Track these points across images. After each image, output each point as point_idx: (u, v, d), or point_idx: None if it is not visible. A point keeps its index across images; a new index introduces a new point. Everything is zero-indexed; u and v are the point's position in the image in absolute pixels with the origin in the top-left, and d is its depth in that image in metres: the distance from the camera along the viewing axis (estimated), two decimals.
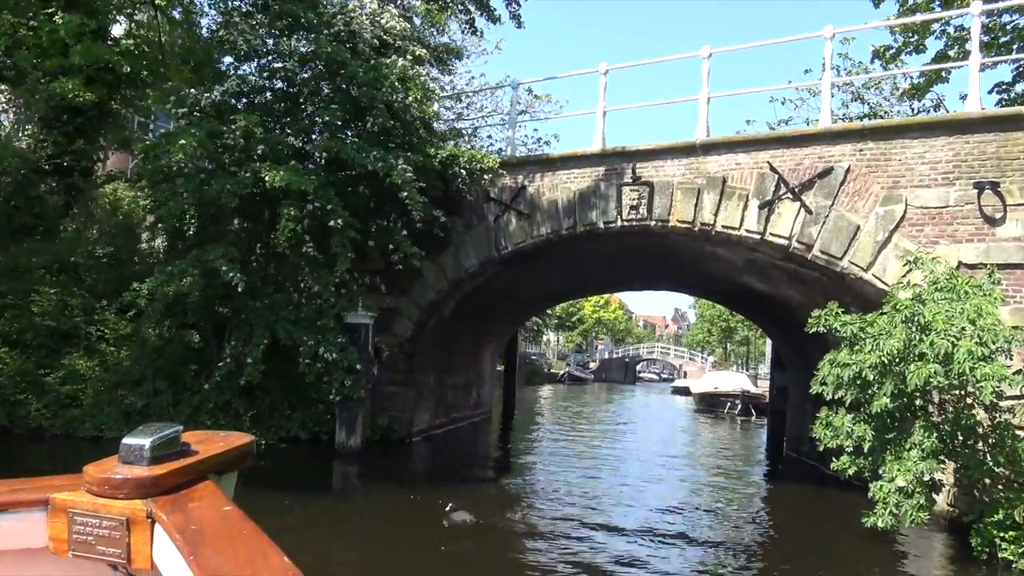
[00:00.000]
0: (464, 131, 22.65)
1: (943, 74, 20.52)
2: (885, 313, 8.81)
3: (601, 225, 14.00)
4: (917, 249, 9.66)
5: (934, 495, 8.77)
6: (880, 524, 8.41)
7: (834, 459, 9.37)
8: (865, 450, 9.04)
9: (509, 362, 28.52)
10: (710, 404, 37.04)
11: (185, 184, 12.10)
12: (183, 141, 11.26)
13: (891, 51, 21.28)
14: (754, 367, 59.39)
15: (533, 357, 71.36)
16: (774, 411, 22.07)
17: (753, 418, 33.23)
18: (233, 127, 11.87)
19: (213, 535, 2.11)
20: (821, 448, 9.33)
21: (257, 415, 14.24)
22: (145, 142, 12.12)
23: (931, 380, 8.02)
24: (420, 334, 16.60)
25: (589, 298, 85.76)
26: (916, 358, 8.36)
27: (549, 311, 71.51)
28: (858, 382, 8.85)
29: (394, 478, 13.13)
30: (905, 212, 11.29)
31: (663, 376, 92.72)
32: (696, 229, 13.03)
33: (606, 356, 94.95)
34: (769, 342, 28.94)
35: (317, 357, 12.98)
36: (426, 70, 13.52)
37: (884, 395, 8.49)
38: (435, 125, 16.35)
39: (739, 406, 34.48)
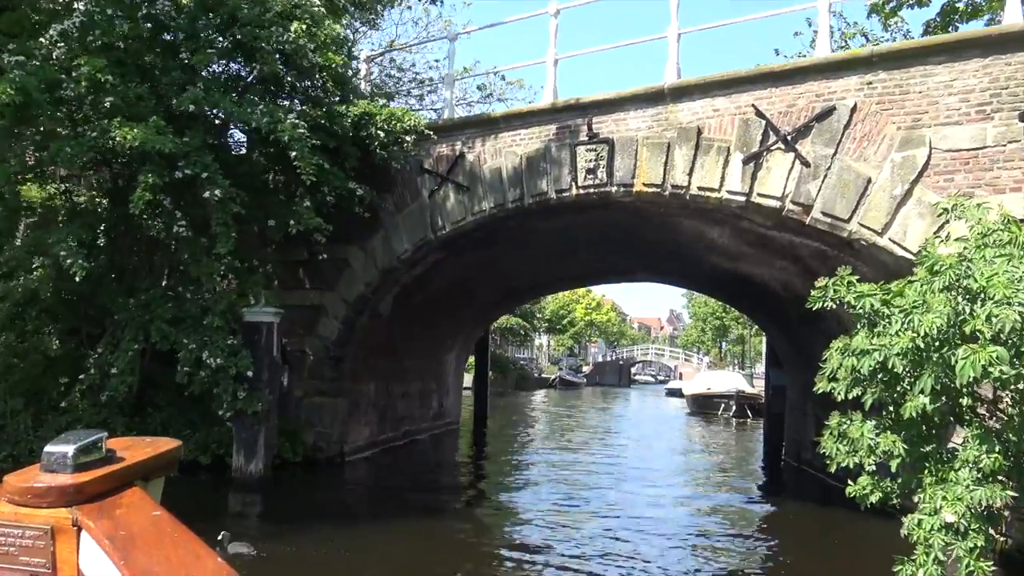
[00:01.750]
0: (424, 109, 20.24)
1: (949, 29, 18.15)
2: (916, 280, 6.30)
3: (553, 195, 11.50)
4: (954, 195, 7.13)
5: (992, 532, 6.27)
6: None
7: (850, 482, 6.86)
8: (893, 469, 6.54)
9: (480, 366, 25.98)
10: (703, 406, 34.73)
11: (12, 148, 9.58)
12: None
13: (890, 4, 18.99)
14: (750, 366, 56.98)
15: (523, 362, 69.07)
16: (771, 414, 19.57)
17: (750, 420, 31.01)
18: (74, 75, 9.36)
19: (143, 540, 2.11)
20: (833, 468, 6.81)
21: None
22: None
23: (991, 369, 5.52)
24: (350, 335, 14.06)
25: (580, 301, 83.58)
26: (965, 338, 5.88)
27: (538, 314, 69.22)
28: (882, 376, 6.35)
29: (302, 513, 10.56)
30: (929, 158, 8.80)
31: (659, 378, 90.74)
32: (666, 194, 10.54)
33: (599, 359, 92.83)
34: (765, 338, 26.51)
35: (200, 363, 10.44)
36: (329, 20, 10.94)
37: (921, 393, 5.98)
38: (363, 87, 13.88)
39: (734, 407, 32.22)
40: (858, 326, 6.64)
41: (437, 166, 12.67)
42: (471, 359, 26.77)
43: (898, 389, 6.35)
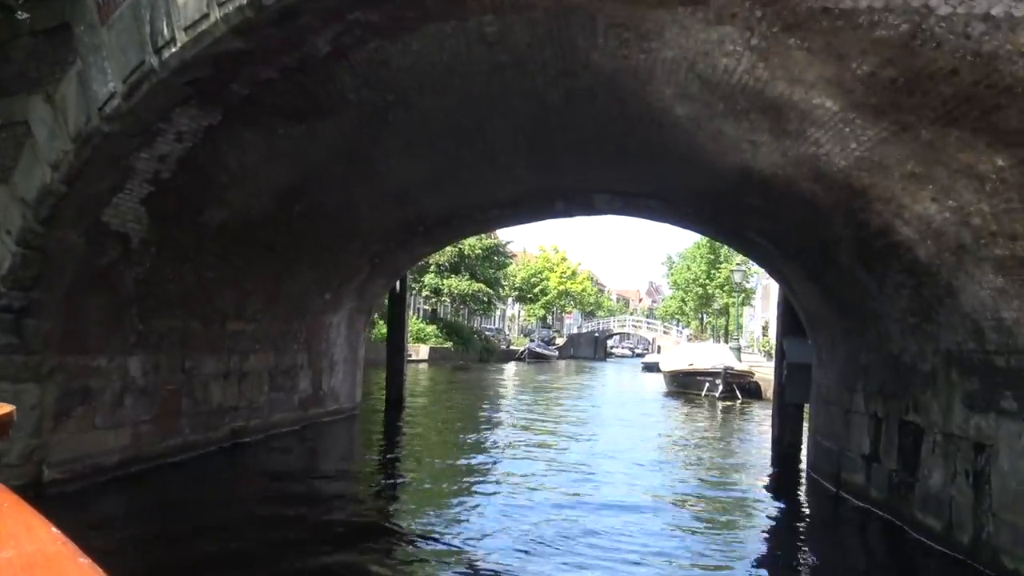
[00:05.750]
0: None
1: None
2: None
3: None
4: None
5: None
6: None
7: None
8: None
9: (393, 328, 19.74)
10: (685, 385, 28.98)
11: None
12: None
13: None
14: (736, 338, 51.20)
15: (489, 332, 63.37)
16: (783, 405, 13.44)
17: (739, 402, 25.23)
18: None
19: None
20: None
21: None
22: None
23: None
24: (44, 267, 7.66)
25: (555, 268, 77.11)
26: None
27: (504, 281, 62.61)
28: None
29: None
30: None
31: (636, 351, 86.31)
32: None
33: (575, 331, 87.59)
34: (774, 291, 20.37)
35: None
36: None
37: None
38: None
39: (720, 387, 26.29)
40: None
41: None
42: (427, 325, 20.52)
43: None
